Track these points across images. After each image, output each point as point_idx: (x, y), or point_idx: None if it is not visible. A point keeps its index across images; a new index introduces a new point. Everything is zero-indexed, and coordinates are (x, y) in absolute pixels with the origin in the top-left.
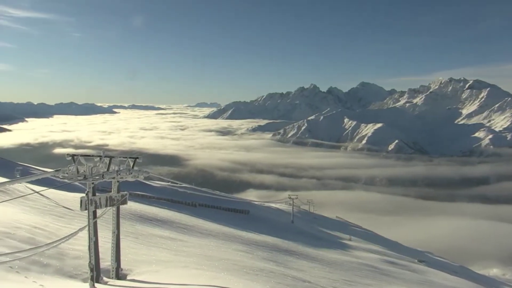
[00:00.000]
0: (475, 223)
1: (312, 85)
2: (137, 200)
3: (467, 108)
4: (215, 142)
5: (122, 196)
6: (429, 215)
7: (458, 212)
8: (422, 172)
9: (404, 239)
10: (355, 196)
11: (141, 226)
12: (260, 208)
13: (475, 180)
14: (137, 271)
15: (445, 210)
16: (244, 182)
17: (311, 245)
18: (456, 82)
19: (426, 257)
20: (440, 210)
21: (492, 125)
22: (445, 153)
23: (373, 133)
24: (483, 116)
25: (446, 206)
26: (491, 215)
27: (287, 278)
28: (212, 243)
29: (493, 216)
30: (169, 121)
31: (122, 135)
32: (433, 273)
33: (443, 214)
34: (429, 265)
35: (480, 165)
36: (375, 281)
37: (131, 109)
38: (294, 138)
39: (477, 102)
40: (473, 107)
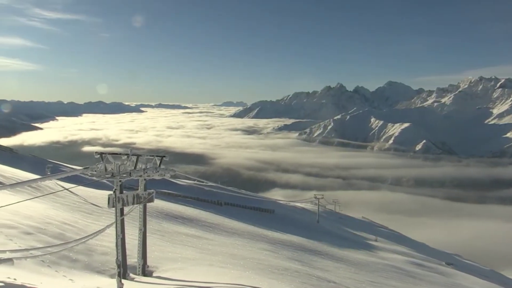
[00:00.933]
0: (506, 226)
1: (339, 84)
2: (163, 198)
3: (498, 107)
4: (241, 141)
5: (149, 194)
6: (458, 217)
7: (488, 215)
8: (450, 173)
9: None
10: (381, 196)
11: (167, 224)
12: (286, 207)
13: (506, 182)
14: (162, 268)
15: (475, 212)
16: (269, 181)
17: (337, 245)
18: (487, 81)
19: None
20: (470, 212)
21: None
22: (474, 153)
23: (400, 133)
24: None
25: (475, 208)
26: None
27: (312, 278)
28: (237, 242)
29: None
30: (195, 120)
31: (149, 133)
32: (462, 277)
33: (472, 216)
34: (458, 268)
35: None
36: (402, 283)
37: (158, 108)
38: (320, 137)
39: (509, 101)
40: (504, 107)
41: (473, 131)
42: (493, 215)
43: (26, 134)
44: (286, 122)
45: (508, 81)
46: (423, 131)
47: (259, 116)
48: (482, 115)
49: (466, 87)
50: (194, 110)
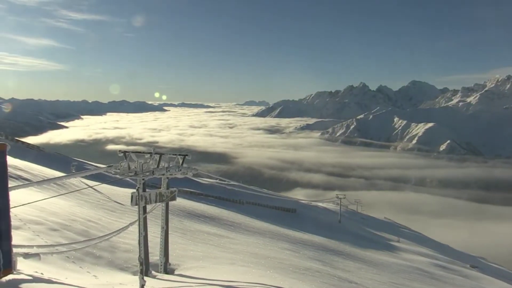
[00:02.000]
0: None
1: (362, 84)
2: (185, 196)
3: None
4: (263, 141)
5: (171, 193)
6: (484, 219)
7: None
8: (476, 174)
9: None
10: (404, 197)
11: (189, 222)
12: (307, 207)
13: None
14: (184, 266)
15: (502, 214)
16: (291, 180)
17: (358, 246)
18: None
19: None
20: (496, 214)
21: None
22: (501, 154)
23: (424, 133)
24: None
25: (502, 210)
26: None
27: (333, 278)
28: (259, 241)
29: None
30: (217, 119)
31: (171, 132)
32: (488, 280)
33: (499, 219)
34: (483, 271)
35: None
36: (425, 285)
37: (180, 107)
38: (343, 137)
39: None
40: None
41: (499, 131)
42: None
43: (52, 133)
44: (308, 122)
45: None
46: (447, 131)
47: (281, 116)
48: (510, 115)
49: (493, 86)
50: (216, 109)
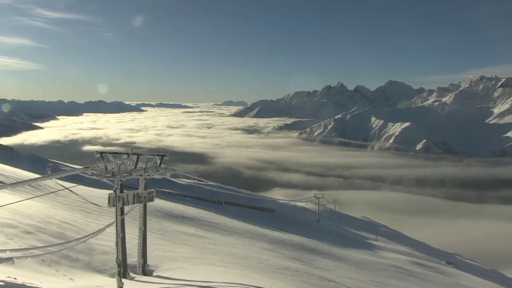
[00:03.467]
0: (507, 225)
1: (339, 84)
2: (163, 197)
3: (498, 107)
4: (241, 141)
5: (149, 193)
6: (459, 216)
7: (489, 214)
8: (451, 173)
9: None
10: (382, 196)
11: (167, 223)
12: (286, 206)
13: (507, 181)
14: (163, 267)
15: (476, 212)
16: (270, 180)
17: (337, 245)
18: (488, 81)
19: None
20: (471, 212)
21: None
22: (475, 153)
23: (401, 132)
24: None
25: (476, 207)
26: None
27: (312, 277)
28: (237, 241)
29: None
30: (196, 119)
31: (149, 133)
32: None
33: (473, 216)
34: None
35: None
36: (403, 282)
37: (158, 107)
38: (321, 137)
39: (509, 101)
40: (505, 106)
41: (474, 130)
42: (494, 214)
43: (27, 134)
44: (286, 122)
45: (509, 81)
46: (423, 130)
47: (259, 116)
48: (483, 115)
49: (467, 87)
50: (194, 109)
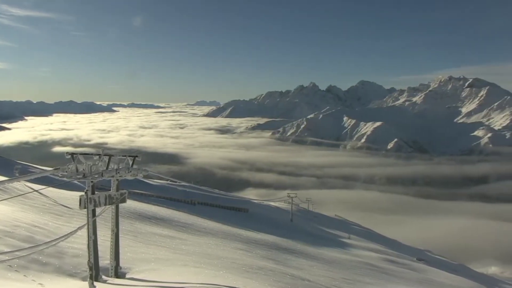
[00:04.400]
0: (475, 222)
1: (312, 84)
2: (136, 198)
3: (466, 106)
4: (214, 141)
5: (121, 195)
6: (429, 214)
7: (458, 211)
8: (422, 171)
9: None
10: (354, 194)
11: (140, 225)
12: (259, 206)
13: (475, 179)
14: (136, 269)
15: (445, 209)
16: (243, 180)
17: (310, 244)
18: (456, 81)
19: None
20: (440, 209)
21: (491, 123)
22: (445, 152)
23: (373, 131)
24: (483, 115)
25: (446, 205)
26: (490, 213)
27: (286, 276)
28: (211, 241)
29: (493, 215)
30: (168, 120)
31: (121, 133)
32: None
33: (443, 213)
34: (429, 263)
35: (480, 164)
36: (375, 279)
37: (130, 108)
38: (294, 136)
39: (476, 100)
40: (472, 106)
41: (443, 129)
42: (462, 211)
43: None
44: (259, 122)
45: (476, 81)
46: (395, 130)
47: (232, 116)
48: (452, 114)
49: (436, 87)
50: (167, 109)
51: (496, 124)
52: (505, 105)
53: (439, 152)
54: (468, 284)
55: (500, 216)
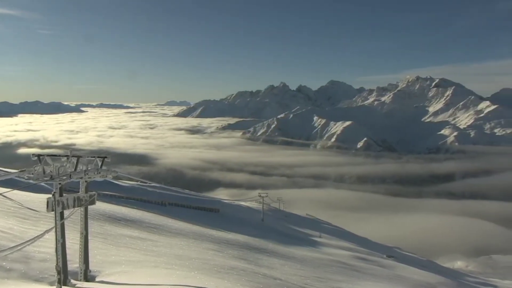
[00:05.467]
0: (442, 218)
1: (282, 84)
2: (106, 200)
3: (433, 106)
4: (185, 141)
5: (91, 196)
6: (398, 211)
7: (426, 208)
8: (391, 169)
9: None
10: (325, 193)
11: (110, 227)
12: (231, 206)
13: (442, 177)
14: (106, 272)
15: (414, 206)
16: (214, 180)
17: (282, 243)
18: (423, 81)
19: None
20: (409, 206)
21: (457, 122)
22: (413, 150)
23: (342, 131)
24: (449, 114)
25: (414, 202)
26: (456, 210)
27: (258, 276)
28: (182, 242)
29: (458, 211)
30: (138, 120)
31: (90, 134)
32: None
33: (411, 210)
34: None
35: (446, 162)
36: (346, 277)
37: (99, 108)
38: (264, 136)
39: (442, 100)
40: (439, 105)
41: (411, 128)
42: (430, 208)
43: None
44: (230, 121)
45: (442, 81)
46: (364, 129)
47: (203, 116)
48: (419, 113)
49: (404, 86)
50: (136, 109)
51: (462, 123)
52: (469, 105)
53: (407, 151)
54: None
55: (465, 212)
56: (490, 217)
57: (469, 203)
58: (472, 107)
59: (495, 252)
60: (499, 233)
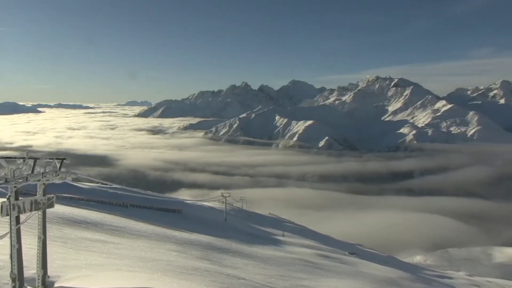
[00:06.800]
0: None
1: (244, 83)
2: (65, 202)
3: (392, 105)
4: (146, 142)
5: (49, 199)
6: (360, 209)
7: (386, 205)
8: (352, 168)
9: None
10: (287, 192)
11: (69, 230)
12: (193, 207)
13: (401, 174)
14: (65, 277)
15: (375, 204)
16: (176, 181)
17: (245, 242)
18: (383, 80)
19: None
20: (370, 204)
21: (415, 121)
22: (373, 148)
23: (304, 130)
24: (407, 113)
25: (375, 200)
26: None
27: (221, 276)
28: (144, 244)
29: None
30: (98, 120)
31: (48, 135)
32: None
33: (373, 208)
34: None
35: (406, 159)
36: (309, 275)
37: (57, 108)
38: (226, 136)
39: (401, 99)
40: (398, 104)
41: (371, 127)
42: (390, 205)
43: None
44: (191, 121)
45: (401, 81)
46: (325, 128)
47: (164, 116)
48: (379, 112)
49: (365, 86)
50: (96, 110)
51: (420, 122)
52: (427, 104)
53: (368, 149)
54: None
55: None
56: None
57: (428, 200)
58: (429, 106)
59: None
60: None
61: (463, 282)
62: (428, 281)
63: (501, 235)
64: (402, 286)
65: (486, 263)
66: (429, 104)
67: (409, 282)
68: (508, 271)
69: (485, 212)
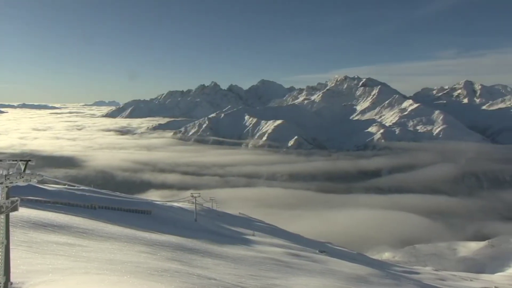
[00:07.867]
0: (370, 212)
1: (213, 83)
2: (30, 205)
3: (361, 104)
4: (114, 142)
5: (12, 203)
6: (329, 207)
7: (355, 204)
8: (321, 167)
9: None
10: (257, 192)
11: (35, 234)
12: (163, 207)
13: (370, 173)
14: (30, 282)
15: (344, 202)
16: (145, 182)
17: (215, 242)
18: (351, 80)
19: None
20: (339, 202)
21: (383, 120)
22: (342, 148)
23: (273, 129)
24: (375, 112)
25: (344, 198)
26: (384, 204)
27: (192, 276)
28: (113, 246)
29: (386, 205)
30: (64, 121)
31: (11, 136)
32: (334, 262)
33: (342, 206)
34: (330, 254)
35: (374, 158)
36: (280, 273)
37: (21, 108)
38: (196, 136)
39: (369, 99)
40: (366, 104)
41: (340, 126)
42: (359, 203)
43: None
44: (160, 122)
45: (368, 80)
46: (295, 127)
47: (132, 116)
48: (348, 112)
49: (333, 86)
50: (63, 110)
51: (387, 121)
52: (394, 103)
53: (336, 148)
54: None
55: (392, 205)
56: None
57: (395, 197)
58: (396, 106)
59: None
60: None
61: (430, 276)
62: (397, 277)
63: (464, 230)
64: (371, 282)
65: (451, 258)
66: (396, 104)
67: (378, 279)
68: (471, 264)
69: (450, 208)
